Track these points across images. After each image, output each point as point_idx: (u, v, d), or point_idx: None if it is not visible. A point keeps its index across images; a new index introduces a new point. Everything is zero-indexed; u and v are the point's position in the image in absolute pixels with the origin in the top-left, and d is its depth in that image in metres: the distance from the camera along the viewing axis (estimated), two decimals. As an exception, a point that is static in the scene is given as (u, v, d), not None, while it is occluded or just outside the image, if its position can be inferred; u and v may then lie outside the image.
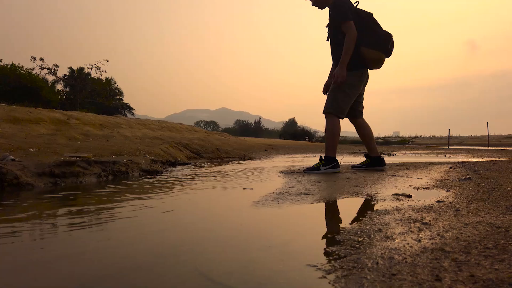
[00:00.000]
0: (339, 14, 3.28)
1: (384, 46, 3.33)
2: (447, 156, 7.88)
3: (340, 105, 3.37)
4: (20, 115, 4.93)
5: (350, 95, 3.40)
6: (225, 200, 2.04)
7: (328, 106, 3.40)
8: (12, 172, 2.26)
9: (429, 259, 0.87)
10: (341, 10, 3.27)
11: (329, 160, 3.35)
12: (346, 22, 3.24)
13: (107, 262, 0.96)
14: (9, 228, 1.30)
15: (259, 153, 8.01)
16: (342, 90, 3.36)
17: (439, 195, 1.94)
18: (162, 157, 4.33)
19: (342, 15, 3.25)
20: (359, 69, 3.39)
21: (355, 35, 3.22)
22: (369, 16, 3.36)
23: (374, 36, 3.30)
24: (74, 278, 0.86)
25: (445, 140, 33.61)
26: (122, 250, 1.07)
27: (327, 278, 0.82)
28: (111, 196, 2.06)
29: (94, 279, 0.85)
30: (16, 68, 18.11)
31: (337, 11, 3.30)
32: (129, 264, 0.94)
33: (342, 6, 3.28)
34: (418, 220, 1.30)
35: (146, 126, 8.03)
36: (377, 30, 3.33)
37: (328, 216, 1.62)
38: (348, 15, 3.25)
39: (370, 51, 3.30)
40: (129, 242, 1.16)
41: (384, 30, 3.37)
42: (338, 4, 3.31)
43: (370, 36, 3.30)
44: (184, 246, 1.11)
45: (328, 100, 3.43)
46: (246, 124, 51.52)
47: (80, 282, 0.83)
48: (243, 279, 0.84)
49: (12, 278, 0.87)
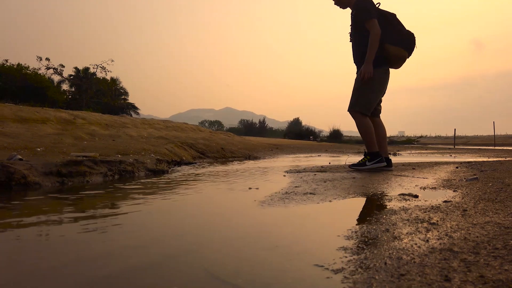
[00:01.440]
0: (363, 13, 3.33)
1: (408, 44, 3.38)
2: (453, 156, 7.84)
3: (367, 102, 3.39)
4: (27, 115, 4.97)
5: (377, 92, 3.42)
6: (231, 199, 2.04)
7: (354, 104, 3.41)
8: (20, 171, 2.28)
9: (437, 260, 0.87)
10: (365, 8, 3.32)
11: (374, 155, 3.38)
12: (370, 20, 3.28)
13: (116, 262, 0.97)
14: (33, 226, 1.31)
15: (264, 153, 8.01)
16: (369, 86, 3.36)
17: (446, 195, 1.92)
18: (168, 156, 4.34)
19: (366, 13, 3.31)
20: (384, 66, 3.42)
21: (379, 32, 3.26)
22: (393, 16, 3.42)
23: (398, 34, 3.36)
24: (83, 278, 0.87)
25: (451, 139, 33.41)
26: (129, 250, 1.08)
27: (335, 278, 0.82)
28: (119, 195, 2.07)
29: (106, 278, 0.85)
30: (22, 68, 18.24)
31: (361, 9, 3.35)
32: (137, 264, 0.95)
33: (366, 5, 3.33)
34: (425, 220, 1.29)
35: (151, 125, 8.06)
36: (401, 29, 3.39)
37: (335, 216, 1.61)
38: (372, 13, 3.30)
39: (394, 48, 3.34)
40: (135, 242, 1.16)
41: (407, 30, 3.42)
42: (362, 3, 3.36)
43: (395, 34, 3.35)
44: (191, 246, 1.11)
45: (354, 97, 3.44)
46: (251, 124, 51.47)
47: (90, 281, 0.84)
48: (251, 279, 0.84)
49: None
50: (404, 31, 3.39)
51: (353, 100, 3.44)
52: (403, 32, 3.38)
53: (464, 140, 38.87)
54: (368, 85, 3.35)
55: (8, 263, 0.97)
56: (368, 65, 3.29)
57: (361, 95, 3.39)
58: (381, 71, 3.40)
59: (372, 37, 3.26)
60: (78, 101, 24.26)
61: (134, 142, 4.90)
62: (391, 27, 3.36)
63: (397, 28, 3.37)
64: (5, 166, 2.25)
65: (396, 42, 3.34)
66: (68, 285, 0.82)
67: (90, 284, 0.82)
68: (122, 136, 5.76)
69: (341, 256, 0.96)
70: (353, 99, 3.44)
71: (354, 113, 3.43)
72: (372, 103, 3.42)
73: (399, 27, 3.38)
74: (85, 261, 0.97)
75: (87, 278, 0.85)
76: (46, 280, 0.85)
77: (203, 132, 10.03)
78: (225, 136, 10.38)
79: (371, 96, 3.40)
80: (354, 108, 3.40)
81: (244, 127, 49.67)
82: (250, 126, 50.40)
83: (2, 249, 1.09)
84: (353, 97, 3.45)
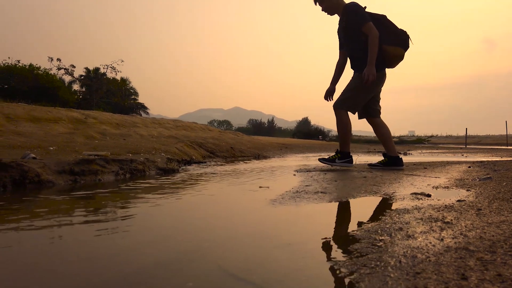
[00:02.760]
0: (358, 18, 3.34)
1: (404, 42, 3.43)
2: (465, 156, 7.74)
3: (355, 103, 3.47)
4: (40, 114, 5.04)
5: (369, 94, 3.48)
6: (242, 198, 2.04)
7: (342, 102, 3.48)
8: (34, 169, 2.31)
9: (453, 258, 0.86)
10: (359, 13, 3.35)
11: (345, 155, 3.52)
12: (366, 24, 3.31)
13: (132, 260, 0.98)
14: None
15: (273, 152, 8.00)
16: (363, 88, 3.41)
17: (459, 194, 1.90)
18: (178, 155, 4.36)
19: (360, 18, 3.33)
20: (382, 70, 3.47)
21: (377, 34, 3.29)
22: (384, 17, 3.47)
23: (393, 34, 3.41)
24: (97, 275, 0.88)
25: (462, 139, 33.00)
26: (145, 247, 1.09)
27: (350, 276, 0.81)
28: (131, 194, 2.09)
29: (121, 276, 0.86)
30: (34, 69, 18.48)
31: (355, 15, 3.37)
32: (152, 261, 0.96)
33: (359, 10, 3.36)
34: (439, 219, 1.28)
35: (161, 125, 8.11)
36: (395, 29, 3.44)
37: (347, 214, 1.61)
38: (366, 17, 3.33)
39: (392, 47, 3.39)
40: (150, 240, 1.17)
41: (400, 28, 3.47)
42: (354, 9, 3.38)
43: (390, 34, 3.40)
44: (204, 243, 1.11)
45: (344, 95, 3.49)
46: (260, 124, 51.49)
47: (101, 280, 0.85)
48: (265, 276, 0.84)
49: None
50: (398, 30, 3.44)
51: (341, 97, 3.49)
52: (397, 31, 3.43)
53: (476, 140, 38.36)
54: (363, 87, 3.39)
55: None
56: (372, 67, 3.30)
57: (352, 95, 3.45)
58: (379, 75, 3.43)
59: (372, 39, 3.27)
60: (88, 101, 24.52)
61: (145, 141, 4.94)
62: (386, 28, 3.41)
63: (391, 28, 3.42)
64: (20, 165, 2.28)
65: (393, 42, 3.40)
66: (86, 282, 0.83)
67: (106, 282, 0.83)
68: (133, 135, 5.80)
69: (355, 254, 0.96)
70: (342, 97, 3.50)
71: (339, 110, 3.49)
72: (360, 104, 3.51)
73: (392, 27, 3.43)
74: (100, 259, 0.98)
75: (102, 277, 0.86)
76: (66, 279, 0.86)
77: (212, 132, 10.06)
78: (234, 136, 10.40)
79: (362, 97, 3.47)
80: (341, 106, 3.46)
81: (253, 127, 49.67)
82: (259, 125, 50.39)
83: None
84: (343, 95, 3.50)
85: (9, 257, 1.00)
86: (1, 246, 1.09)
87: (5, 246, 1.09)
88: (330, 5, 3.50)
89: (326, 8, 3.52)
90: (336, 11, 3.53)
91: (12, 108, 4.81)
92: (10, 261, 0.97)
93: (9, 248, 1.07)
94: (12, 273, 0.88)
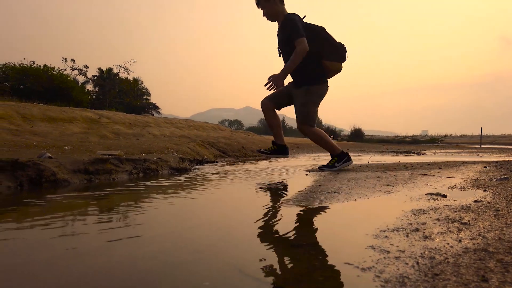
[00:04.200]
0: (293, 32, 3.31)
1: (342, 56, 3.52)
2: (480, 156, 7.61)
3: (313, 116, 3.55)
4: (55, 114, 5.12)
5: (318, 104, 3.56)
6: (255, 197, 2.04)
7: (304, 120, 3.52)
8: (50, 169, 2.35)
9: (472, 260, 0.85)
10: (295, 27, 3.32)
11: (341, 156, 3.54)
12: (299, 39, 3.28)
13: (147, 258, 0.99)
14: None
15: (285, 152, 7.97)
16: (314, 101, 3.50)
17: (475, 194, 1.87)
18: (190, 155, 4.38)
19: (296, 32, 3.29)
20: (325, 82, 3.56)
21: (305, 50, 3.27)
22: (323, 30, 3.49)
23: (332, 48, 3.47)
24: (118, 272, 0.89)
25: (477, 139, 32.41)
26: (158, 246, 1.09)
27: (366, 277, 0.80)
28: (145, 193, 2.11)
29: (137, 274, 0.87)
30: (48, 69, 18.76)
31: (291, 28, 3.33)
32: (168, 260, 0.96)
33: (296, 24, 3.33)
34: (456, 220, 1.26)
35: (173, 125, 8.16)
36: (333, 42, 3.48)
37: (361, 215, 1.59)
38: (301, 31, 3.30)
39: (332, 63, 3.50)
40: (164, 239, 1.18)
41: (338, 41, 3.51)
42: (291, 22, 3.35)
43: (329, 48, 3.46)
44: (219, 243, 1.12)
45: (302, 113, 3.53)
46: (271, 123, 51.28)
47: (123, 278, 0.86)
48: (281, 276, 0.84)
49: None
50: (336, 43, 3.48)
51: (301, 116, 3.52)
52: (336, 44, 3.48)
53: (491, 139, 37.69)
54: (313, 100, 3.48)
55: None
56: (282, 75, 3.32)
57: (308, 111, 3.49)
58: (323, 87, 3.53)
59: (299, 52, 3.26)
60: (101, 101, 24.80)
61: (157, 141, 4.97)
62: (327, 42, 3.45)
63: (330, 42, 3.47)
64: (36, 164, 2.32)
65: (332, 57, 3.48)
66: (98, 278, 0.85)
67: (124, 280, 0.84)
68: (146, 135, 5.85)
69: (370, 254, 0.95)
70: (301, 115, 3.53)
71: (306, 128, 3.54)
72: (316, 115, 3.59)
73: (331, 40, 3.47)
74: (116, 258, 0.99)
75: (115, 276, 0.87)
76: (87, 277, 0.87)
77: (224, 131, 10.09)
78: (246, 135, 10.41)
79: (315, 109, 3.54)
80: (306, 124, 3.51)
81: (264, 127, 49.60)
82: (270, 125, 50.22)
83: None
84: (301, 113, 3.53)
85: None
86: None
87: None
88: (270, 12, 3.48)
89: (267, 13, 3.50)
90: (276, 18, 3.51)
91: (28, 108, 4.90)
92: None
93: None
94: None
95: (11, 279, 0.84)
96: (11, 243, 1.11)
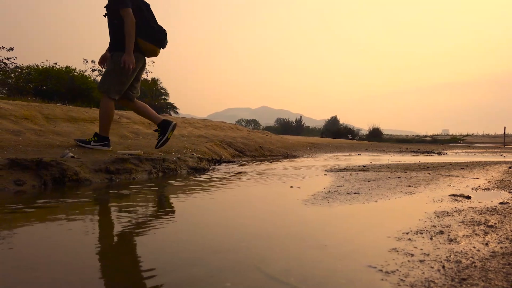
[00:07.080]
0: (118, 0, 3.25)
1: (158, 40, 3.45)
2: (504, 156, 7.41)
3: (120, 88, 3.42)
4: (77, 115, 5.22)
5: (129, 78, 3.44)
6: (274, 198, 2.04)
7: (109, 89, 3.40)
8: (72, 168, 2.40)
9: (501, 264, 0.82)
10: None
11: (102, 139, 3.49)
12: (124, 9, 3.24)
13: (170, 256, 1.00)
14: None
15: (302, 152, 7.94)
16: (124, 73, 3.37)
17: (501, 196, 1.82)
18: (208, 155, 4.41)
19: (122, 1, 3.24)
20: (136, 52, 3.42)
21: (133, 22, 3.24)
22: (147, 9, 3.44)
23: (149, 30, 3.41)
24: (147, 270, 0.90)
25: (500, 138, 31.54)
26: (181, 245, 1.10)
27: (390, 280, 0.79)
28: (165, 192, 2.13)
29: (163, 271, 0.88)
30: (70, 71, 19.17)
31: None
32: (189, 259, 0.97)
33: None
34: (482, 223, 1.23)
35: (191, 124, 8.22)
36: (152, 25, 3.43)
37: (382, 216, 1.57)
38: (127, 2, 3.25)
39: (145, 43, 3.41)
40: (185, 238, 1.19)
41: (159, 25, 3.47)
42: None
43: (146, 29, 3.39)
44: (240, 243, 1.12)
45: (107, 80, 3.42)
46: (287, 123, 51.28)
47: (143, 277, 0.87)
48: (302, 278, 0.84)
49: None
50: (155, 27, 3.43)
51: (107, 83, 3.41)
52: (154, 28, 3.42)
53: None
54: (123, 71, 3.35)
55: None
56: (130, 55, 3.27)
57: (115, 81, 3.39)
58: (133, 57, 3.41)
59: (127, 26, 3.22)
60: (121, 102, 25.13)
61: (176, 141, 5.02)
62: (144, 21, 3.37)
63: (149, 22, 3.40)
64: (59, 164, 2.38)
65: (147, 37, 3.40)
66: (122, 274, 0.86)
67: (143, 278, 0.85)
68: (164, 134, 5.90)
69: (393, 257, 0.93)
70: (107, 82, 3.41)
71: (106, 96, 3.45)
72: (124, 88, 3.47)
73: (151, 21, 3.41)
74: (132, 258, 1.00)
75: (132, 276, 0.88)
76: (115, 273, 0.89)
77: (241, 131, 10.11)
78: (263, 135, 10.40)
79: (124, 82, 3.43)
80: (108, 93, 3.41)
81: (280, 126, 49.54)
82: (286, 124, 50.20)
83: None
84: (107, 80, 3.41)
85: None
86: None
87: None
88: None
89: None
90: None
91: (51, 109, 5.02)
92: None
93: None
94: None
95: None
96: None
